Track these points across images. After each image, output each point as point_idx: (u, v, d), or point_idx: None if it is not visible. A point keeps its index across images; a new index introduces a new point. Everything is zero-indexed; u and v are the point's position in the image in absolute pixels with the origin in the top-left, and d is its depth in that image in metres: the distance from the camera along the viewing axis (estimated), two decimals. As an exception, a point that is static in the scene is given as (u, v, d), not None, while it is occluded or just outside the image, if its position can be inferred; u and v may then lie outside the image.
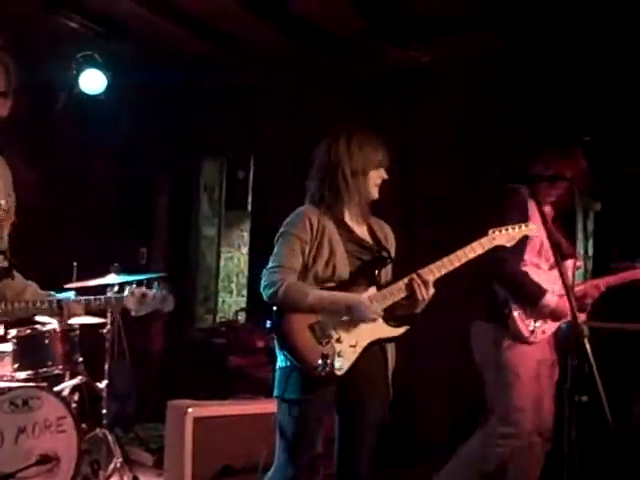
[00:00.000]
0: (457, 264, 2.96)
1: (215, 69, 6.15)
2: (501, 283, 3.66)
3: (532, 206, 3.68)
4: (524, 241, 3.53)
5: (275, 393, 2.96)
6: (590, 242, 5.67)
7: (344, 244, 2.97)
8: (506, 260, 3.48)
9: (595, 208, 5.53)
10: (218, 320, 6.64)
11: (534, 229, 3.14)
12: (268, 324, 5.81)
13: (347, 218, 3.03)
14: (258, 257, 6.50)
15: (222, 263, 6.92)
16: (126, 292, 2.77)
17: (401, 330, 2.96)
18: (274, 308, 2.89)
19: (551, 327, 3.73)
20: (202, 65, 6.14)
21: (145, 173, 6.57)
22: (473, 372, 3.88)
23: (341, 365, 2.78)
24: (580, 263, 3.84)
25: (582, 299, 3.75)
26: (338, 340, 2.83)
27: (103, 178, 6.66)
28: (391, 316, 2.96)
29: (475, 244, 2.99)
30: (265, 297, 2.90)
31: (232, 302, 6.89)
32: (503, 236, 3.04)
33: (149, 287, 2.80)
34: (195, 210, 6.79)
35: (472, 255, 2.99)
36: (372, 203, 3.10)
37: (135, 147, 6.45)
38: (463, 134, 5.38)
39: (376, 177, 3.02)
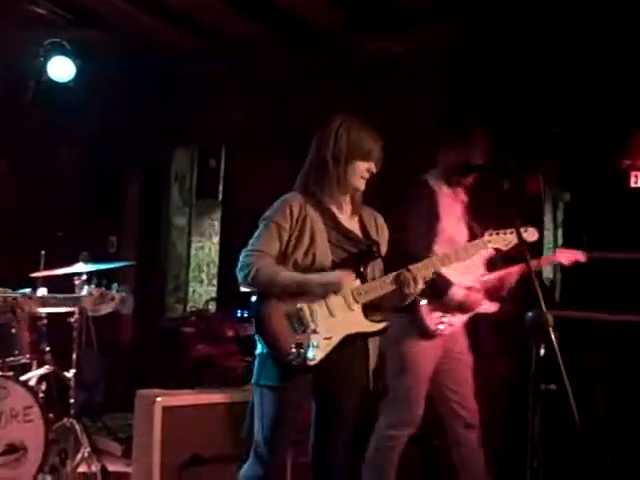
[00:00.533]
0: (447, 265, 3.03)
1: (187, 57, 6.12)
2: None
3: (443, 198, 3.70)
4: (434, 233, 3.57)
5: (253, 379, 2.97)
6: (560, 232, 5.73)
7: (327, 233, 2.95)
8: (412, 250, 3.44)
9: (564, 199, 5.58)
10: (188, 309, 6.62)
11: (534, 233, 3.12)
12: (239, 313, 5.86)
13: (332, 206, 3.00)
14: (229, 246, 6.49)
15: (193, 252, 6.90)
16: (84, 292, 2.74)
17: (380, 326, 2.96)
18: (253, 294, 2.91)
19: (459, 319, 3.71)
20: (173, 53, 6.11)
21: (115, 162, 6.51)
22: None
23: (314, 356, 2.77)
24: (492, 252, 3.82)
25: (496, 289, 3.77)
26: (314, 331, 2.82)
27: (73, 167, 6.58)
28: (374, 310, 2.95)
29: (469, 246, 3.04)
30: (239, 279, 2.92)
31: (203, 291, 6.87)
32: (499, 239, 3.06)
33: (109, 288, 2.78)
34: (166, 199, 6.76)
35: (464, 257, 3.03)
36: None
37: (105, 135, 6.39)
38: (433, 124, 5.39)
39: (363, 169, 2.97)
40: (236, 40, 5.79)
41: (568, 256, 3.96)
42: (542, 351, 2.81)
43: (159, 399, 3.87)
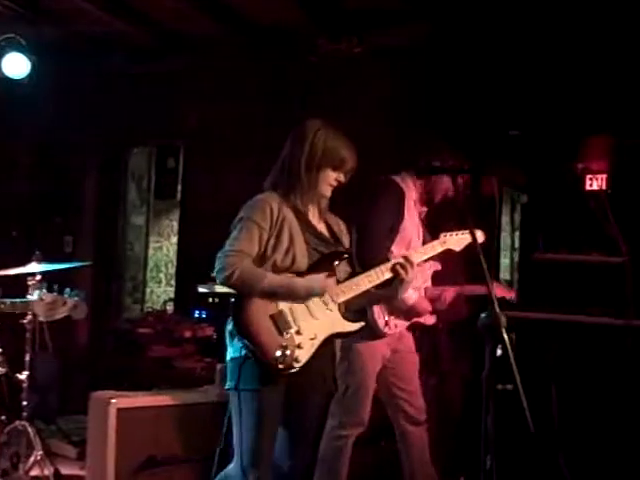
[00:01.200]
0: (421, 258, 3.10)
1: (143, 55, 6.06)
2: (363, 268, 3.62)
3: (408, 199, 3.72)
4: (394, 232, 3.59)
5: (228, 385, 2.87)
6: (516, 234, 5.79)
7: (303, 234, 2.93)
8: (372, 246, 3.46)
9: (521, 200, 5.64)
10: (146, 310, 6.56)
11: (481, 236, 3.14)
12: (197, 314, 5.82)
13: (303, 209, 2.99)
14: (187, 247, 6.44)
15: (151, 253, 6.84)
16: (35, 297, 2.68)
17: (358, 325, 2.96)
18: (233, 296, 2.85)
19: (403, 324, 3.73)
20: (130, 51, 6.05)
21: (71, 160, 6.43)
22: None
23: (300, 357, 2.77)
24: (438, 267, 3.88)
25: (434, 302, 3.80)
26: (298, 332, 2.81)
27: (27, 164, 6.49)
28: (348, 310, 2.95)
29: (428, 246, 3.10)
30: (219, 280, 2.85)
31: (160, 292, 6.82)
32: (452, 240, 3.13)
33: (61, 292, 2.71)
34: (123, 199, 6.69)
35: (424, 257, 3.10)
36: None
37: (60, 134, 6.31)
38: (389, 125, 5.43)
39: (332, 177, 2.97)
40: (194, 39, 5.76)
41: (502, 292, 4.02)
42: (499, 352, 2.82)
43: (114, 401, 3.81)
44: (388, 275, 2.96)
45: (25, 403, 4.21)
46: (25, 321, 4.32)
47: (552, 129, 4.77)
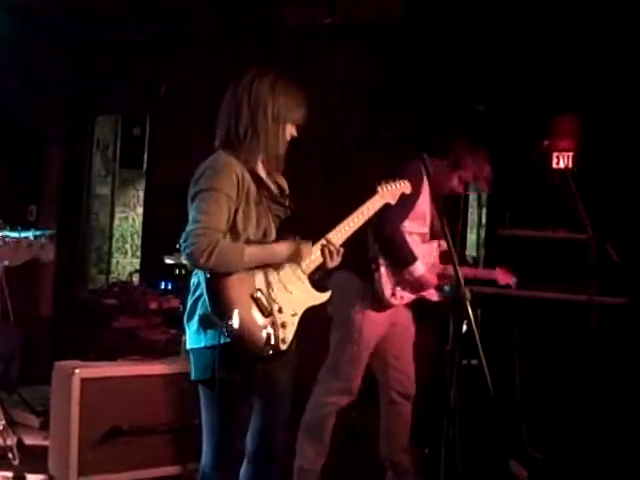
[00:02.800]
0: (356, 226, 2.85)
1: (109, 22, 5.95)
2: (377, 238, 3.65)
3: (424, 178, 3.74)
4: (408, 207, 3.58)
5: (199, 376, 2.62)
6: (484, 210, 5.82)
7: (266, 201, 2.68)
8: (388, 218, 3.46)
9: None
10: (111, 281, 6.50)
11: (409, 187, 3.13)
12: (162, 285, 5.78)
13: (259, 169, 2.71)
14: (153, 218, 6.38)
15: (116, 223, 6.77)
16: None
17: (327, 295, 2.79)
18: (206, 277, 2.55)
19: (409, 296, 3.76)
20: (97, 18, 5.93)
21: (35, 128, 6.31)
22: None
23: (286, 337, 2.60)
24: (444, 248, 3.92)
25: (440, 279, 3.84)
26: (280, 310, 2.61)
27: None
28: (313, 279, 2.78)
29: (368, 204, 2.91)
30: (190, 263, 2.54)
31: (126, 263, 6.75)
32: (389, 193, 2.99)
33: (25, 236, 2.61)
34: (88, 167, 6.59)
35: (368, 214, 2.91)
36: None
37: (24, 100, 6.18)
38: (359, 96, 5.43)
39: (288, 132, 2.73)
40: (164, 6, 5.67)
41: (504, 277, 4.05)
42: (464, 327, 2.84)
43: (77, 370, 3.79)
44: (352, 228, 2.80)
45: (-13, 373, 4.17)
46: (-13, 290, 4.28)
47: (520, 105, 4.79)
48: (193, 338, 2.64)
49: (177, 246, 2.65)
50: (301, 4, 5.47)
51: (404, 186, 3.04)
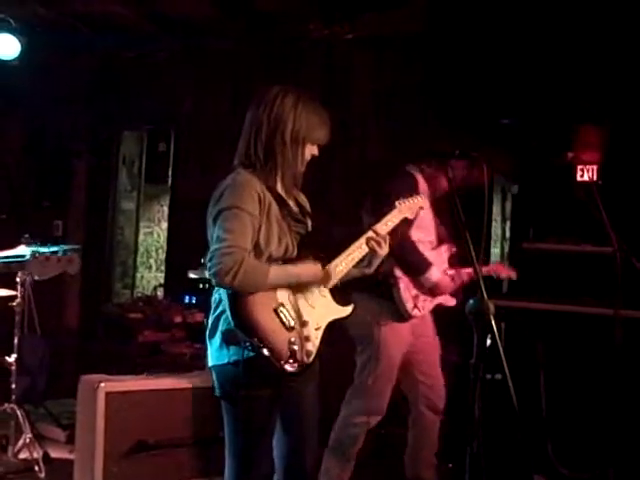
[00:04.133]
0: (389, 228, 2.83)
1: (136, 38, 6.02)
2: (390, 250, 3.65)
3: (423, 187, 3.75)
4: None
5: (225, 392, 2.60)
6: (507, 224, 5.79)
7: (285, 219, 2.66)
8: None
9: (512, 191, 5.65)
10: (136, 295, 6.54)
11: (426, 202, 3.12)
12: (187, 299, 5.81)
13: (279, 188, 2.69)
14: (178, 232, 6.43)
15: (141, 238, 6.82)
16: (28, 255, 2.64)
17: (349, 309, 2.77)
18: (228, 293, 2.54)
19: (429, 306, 3.77)
20: (123, 34, 6.00)
21: (62, 143, 6.39)
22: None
23: (310, 351, 2.58)
24: (453, 250, 3.91)
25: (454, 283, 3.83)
26: (303, 324, 2.60)
27: (17, 147, 6.45)
28: (339, 294, 2.76)
29: (387, 218, 2.86)
30: (217, 283, 2.50)
31: (151, 277, 6.80)
32: (406, 207, 2.95)
33: (54, 251, 2.65)
34: (114, 183, 6.65)
35: (387, 229, 2.84)
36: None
37: (51, 116, 6.26)
38: (381, 110, 5.44)
39: (309, 152, 2.71)
40: (187, 23, 5.72)
41: (503, 271, 4.06)
42: (488, 341, 2.82)
43: (103, 384, 3.81)
44: (366, 250, 2.74)
45: (14, 386, 4.21)
46: (14, 304, 4.32)
47: (544, 118, 4.77)
48: (215, 355, 2.62)
49: (201, 261, 2.66)
50: (323, 19, 5.50)
51: (420, 201, 3.00)
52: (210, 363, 2.66)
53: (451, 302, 3.81)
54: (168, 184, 6.61)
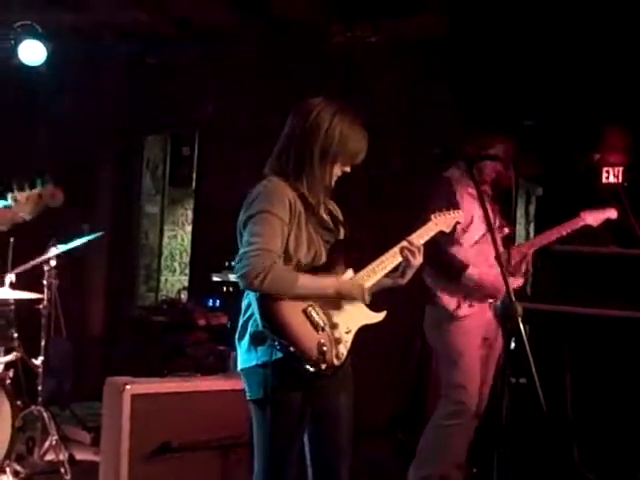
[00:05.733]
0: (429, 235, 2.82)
1: (161, 43, 6.06)
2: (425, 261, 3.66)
3: (460, 188, 3.77)
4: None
5: (254, 395, 2.58)
6: (532, 226, 5.76)
7: (314, 227, 2.65)
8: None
9: (537, 193, 5.62)
10: (160, 298, 6.58)
11: (462, 216, 3.08)
12: (210, 302, 5.83)
13: (309, 197, 2.66)
14: (202, 236, 6.46)
15: (165, 241, 6.86)
16: (8, 201, 2.61)
17: (382, 315, 2.71)
18: (254, 296, 2.54)
19: (480, 303, 3.78)
20: (147, 39, 6.05)
21: (87, 148, 6.44)
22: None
23: (340, 353, 2.55)
24: (508, 230, 3.89)
25: (520, 263, 3.82)
26: (333, 326, 2.57)
27: (42, 152, 6.50)
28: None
29: (421, 231, 2.84)
30: (245, 285, 2.49)
31: (175, 281, 6.83)
32: (442, 221, 2.94)
33: (33, 186, 2.63)
34: (138, 187, 6.70)
35: (423, 240, 2.82)
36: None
37: (77, 121, 6.31)
38: (406, 115, 5.42)
39: (340, 169, 2.69)
40: (210, 27, 5.75)
41: (596, 217, 3.91)
42: (512, 345, 2.80)
43: (128, 387, 3.82)
44: (399, 259, 2.71)
45: (40, 388, 4.24)
46: (41, 306, 4.36)
47: (568, 120, 4.74)
48: (244, 357, 2.61)
49: (226, 264, 2.64)
50: (345, 22, 5.50)
51: (458, 215, 2.98)
52: (239, 366, 2.65)
53: (517, 282, 3.78)
54: (192, 187, 6.65)
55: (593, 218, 3.91)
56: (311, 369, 2.48)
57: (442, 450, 3.75)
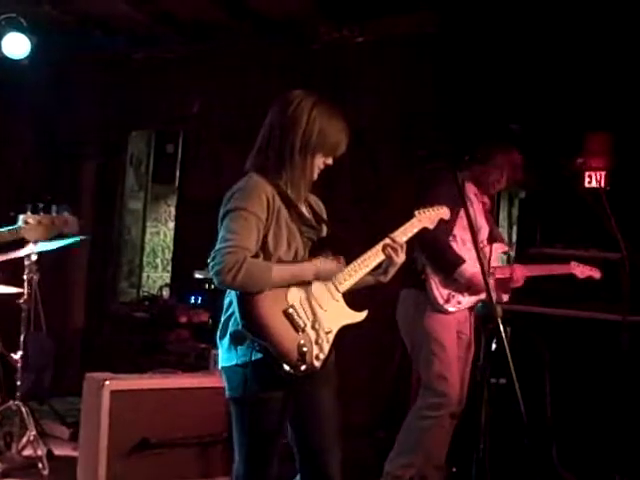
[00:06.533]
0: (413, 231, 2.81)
1: (146, 39, 6.04)
2: (422, 248, 3.69)
3: (468, 190, 3.82)
4: (455, 216, 3.58)
5: (232, 394, 2.59)
6: (514, 228, 5.79)
7: (296, 224, 2.63)
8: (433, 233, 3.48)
9: (519, 195, 5.64)
10: (142, 295, 6.56)
11: (447, 213, 3.07)
12: (192, 300, 5.82)
13: (290, 193, 2.65)
14: (184, 233, 6.44)
15: (148, 237, 6.83)
16: (20, 222, 2.55)
17: (363, 315, 2.71)
18: (237, 294, 2.53)
19: (467, 301, 3.80)
20: (133, 35, 6.02)
21: (70, 143, 6.41)
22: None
23: (319, 354, 2.55)
24: (506, 249, 3.96)
25: (508, 282, 3.84)
26: (313, 327, 2.57)
27: (25, 147, 6.47)
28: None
29: (406, 227, 2.83)
30: (218, 282, 2.48)
31: (157, 277, 6.81)
32: (426, 217, 2.94)
33: (48, 212, 2.58)
34: (121, 183, 6.67)
35: (405, 237, 2.80)
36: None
37: (59, 115, 6.28)
38: (392, 115, 5.43)
39: (321, 162, 2.67)
40: (197, 25, 5.74)
41: (583, 270, 4.04)
42: (493, 346, 2.82)
43: (108, 382, 3.82)
44: (382, 257, 2.71)
45: (19, 383, 4.22)
46: (21, 301, 4.33)
47: (552, 124, 4.77)
48: (225, 356, 2.61)
49: (208, 261, 2.63)
50: (333, 22, 5.51)
51: (442, 212, 2.99)
52: (220, 364, 2.65)
53: (503, 298, 3.83)
54: (175, 185, 6.63)
55: (580, 270, 4.02)
56: (290, 370, 2.48)
57: (421, 440, 3.75)
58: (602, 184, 4.59)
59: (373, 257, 2.71)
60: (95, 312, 6.39)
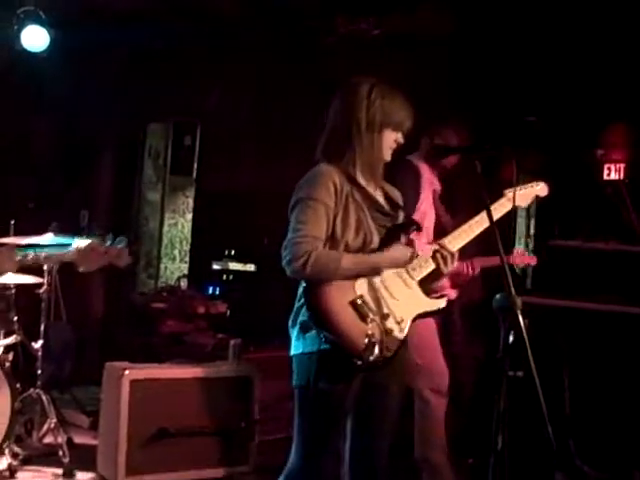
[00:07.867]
0: (477, 230, 2.75)
1: (165, 32, 6.05)
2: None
3: (424, 178, 3.75)
4: (411, 209, 3.52)
5: (297, 382, 2.57)
6: (532, 221, 5.77)
7: (368, 210, 2.61)
8: None
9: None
10: (160, 285, 6.59)
11: (545, 189, 3.02)
12: (210, 290, 5.85)
13: (360, 178, 2.65)
14: (202, 224, 6.47)
15: (166, 229, 6.87)
16: (71, 247, 2.58)
17: (442, 302, 2.67)
18: (304, 286, 2.53)
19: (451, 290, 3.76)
20: (153, 27, 6.03)
21: (89, 134, 6.44)
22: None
23: (390, 345, 2.49)
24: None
25: (457, 276, 3.80)
26: (384, 317, 2.52)
27: (45, 138, 6.50)
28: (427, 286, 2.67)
29: (495, 206, 2.76)
30: (290, 272, 2.50)
31: (175, 268, 6.84)
32: (520, 196, 2.87)
33: (102, 240, 2.60)
34: (139, 174, 6.70)
35: (496, 217, 2.71)
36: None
37: (79, 107, 6.31)
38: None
39: (392, 139, 2.67)
40: (216, 18, 5.74)
41: (523, 259, 4.05)
42: (511, 338, 2.81)
43: (127, 372, 3.85)
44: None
45: (40, 372, 4.26)
46: (41, 291, 4.37)
47: (571, 116, 4.74)
48: (294, 344, 2.61)
49: (225, 252, 2.63)
50: (350, 15, 5.50)
51: (539, 189, 2.94)
52: (291, 352, 2.64)
53: (452, 295, 3.77)
54: (193, 176, 6.66)
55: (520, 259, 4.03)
56: (358, 362, 2.44)
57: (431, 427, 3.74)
58: (621, 176, 4.57)
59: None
60: (114, 302, 6.43)
